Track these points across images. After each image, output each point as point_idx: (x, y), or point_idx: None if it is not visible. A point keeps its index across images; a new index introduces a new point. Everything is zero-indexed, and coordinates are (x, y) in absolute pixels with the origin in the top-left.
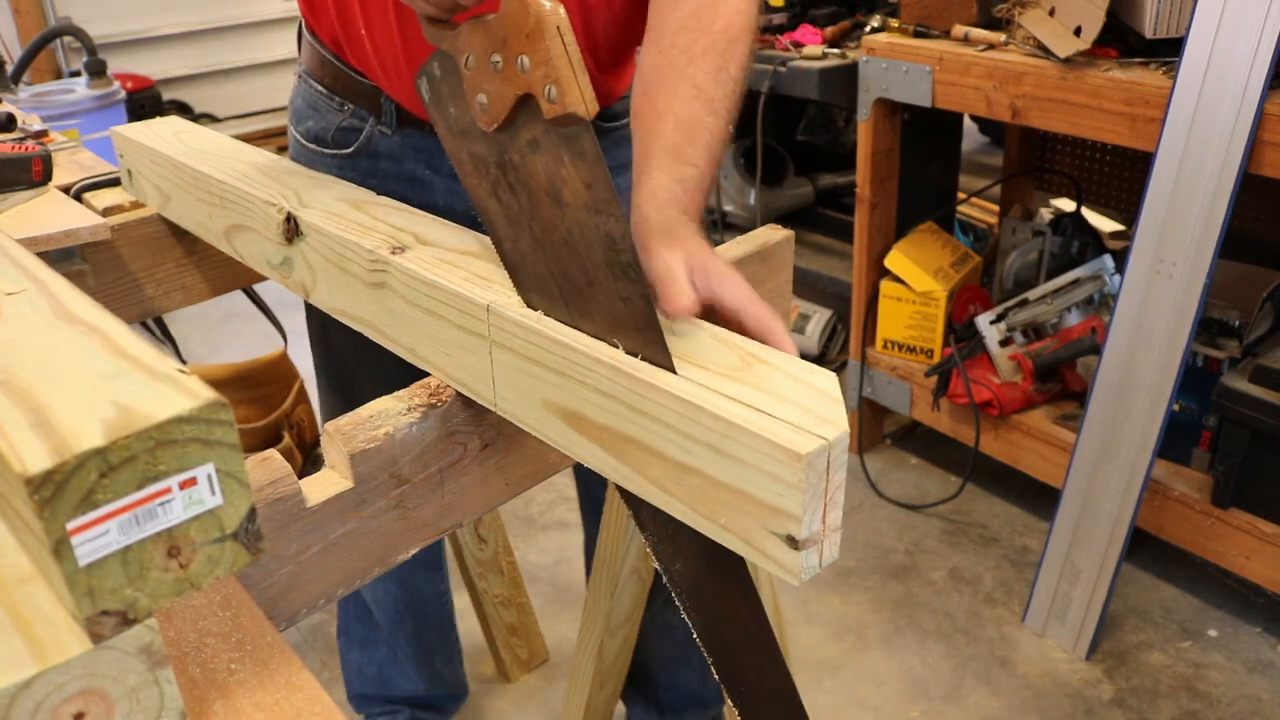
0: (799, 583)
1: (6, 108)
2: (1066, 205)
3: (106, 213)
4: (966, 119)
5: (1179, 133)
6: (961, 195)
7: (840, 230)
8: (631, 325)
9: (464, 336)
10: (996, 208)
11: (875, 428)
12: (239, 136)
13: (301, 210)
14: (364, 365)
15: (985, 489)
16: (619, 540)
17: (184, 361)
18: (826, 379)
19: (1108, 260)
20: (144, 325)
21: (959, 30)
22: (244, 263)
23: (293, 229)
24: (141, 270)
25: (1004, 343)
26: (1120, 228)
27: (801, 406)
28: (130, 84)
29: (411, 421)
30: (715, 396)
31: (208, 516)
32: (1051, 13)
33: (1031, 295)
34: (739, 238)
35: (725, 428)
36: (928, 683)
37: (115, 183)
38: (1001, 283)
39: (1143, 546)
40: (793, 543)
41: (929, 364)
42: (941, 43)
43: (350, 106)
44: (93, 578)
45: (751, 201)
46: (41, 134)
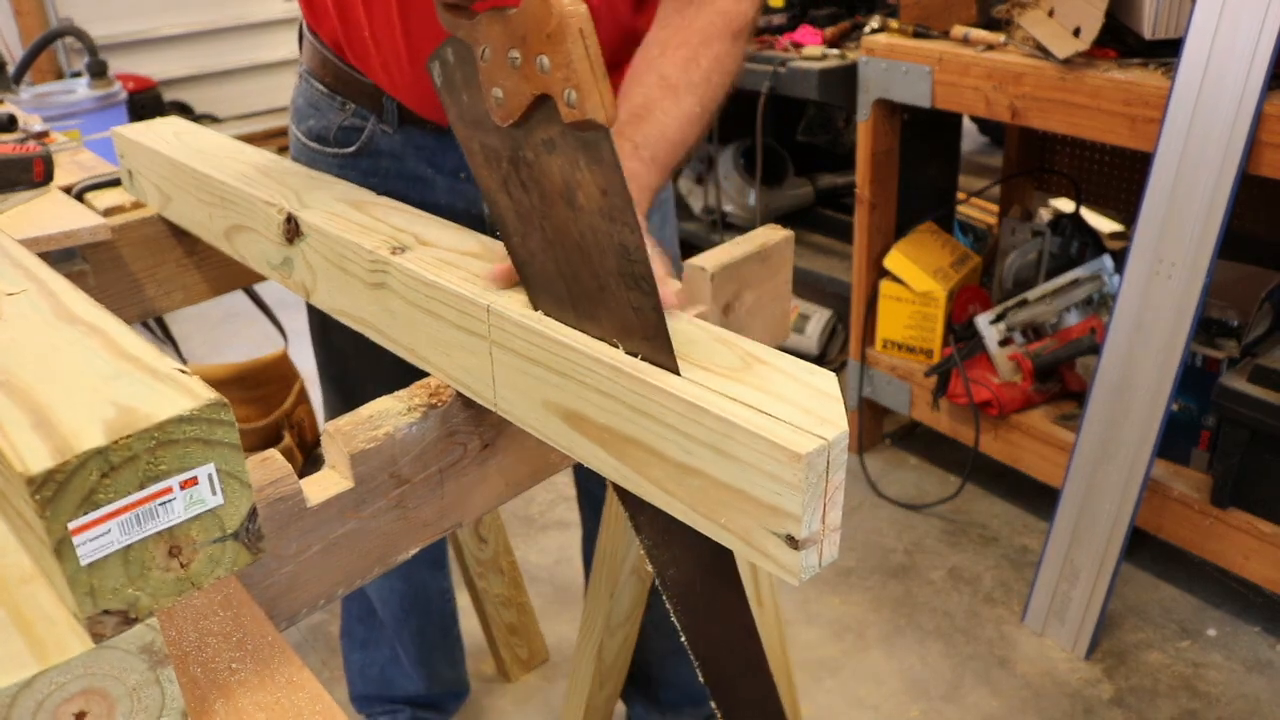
0: (799, 582)
1: (8, 108)
2: (1066, 205)
3: (107, 213)
4: (966, 119)
5: (1178, 133)
6: (961, 195)
7: (840, 230)
8: (641, 334)
9: (464, 337)
10: (996, 208)
11: (875, 428)
12: (240, 137)
13: (302, 210)
14: (364, 365)
15: (985, 489)
16: (619, 540)
17: (184, 361)
18: (826, 379)
19: (1107, 260)
20: (144, 325)
21: (958, 31)
22: (244, 263)
23: (293, 229)
24: (142, 270)
25: (1003, 343)
26: (1119, 228)
27: (801, 407)
28: (131, 84)
29: (411, 421)
30: (716, 397)
31: (209, 516)
32: (1050, 13)
33: (1031, 295)
34: (738, 238)
35: (726, 428)
36: (927, 682)
37: (116, 183)
38: (1001, 283)
39: (1142, 546)
40: (792, 542)
41: (928, 364)
42: (941, 43)
43: (352, 105)
44: (94, 577)
45: (751, 202)
46: (43, 134)
